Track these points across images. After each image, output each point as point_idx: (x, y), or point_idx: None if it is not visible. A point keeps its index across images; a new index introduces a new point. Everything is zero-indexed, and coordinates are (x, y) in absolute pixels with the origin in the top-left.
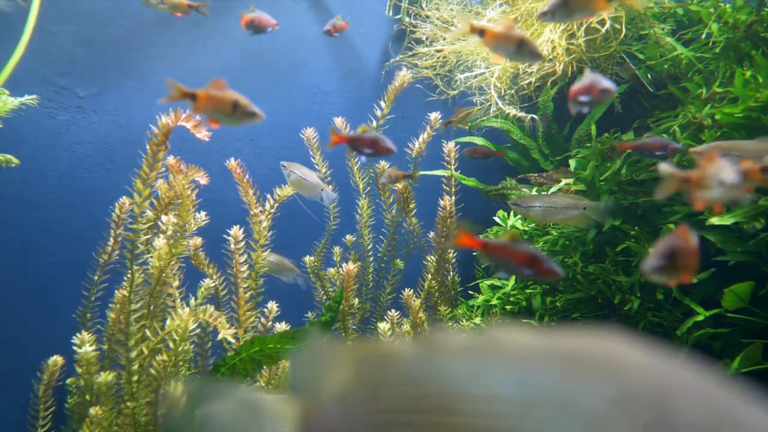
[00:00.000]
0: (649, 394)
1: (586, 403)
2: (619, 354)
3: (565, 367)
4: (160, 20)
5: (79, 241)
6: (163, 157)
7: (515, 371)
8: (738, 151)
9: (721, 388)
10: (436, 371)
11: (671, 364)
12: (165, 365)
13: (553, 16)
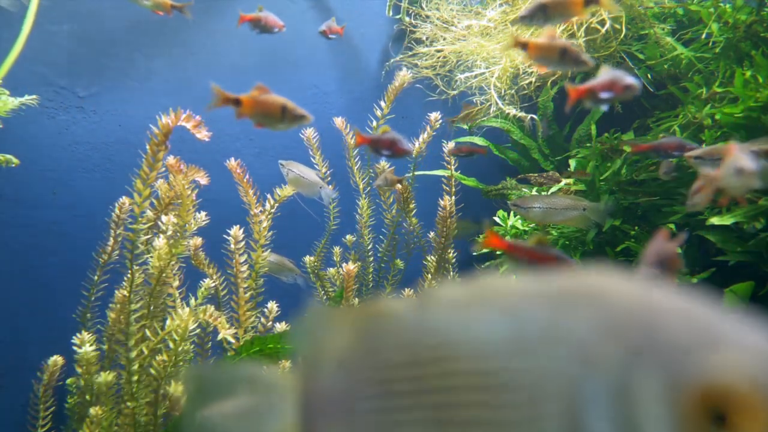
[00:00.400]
0: (635, 319)
1: (574, 333)
2: (605, 285)
3: (553, 303)
4: (161, 20)
5: (79, 241)
6: (163, 157)
7: (505, 313)
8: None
9: (706, 309)
10: (431, 323)
11: (656, 290)
12: (165, 365)
13: (531, 20)
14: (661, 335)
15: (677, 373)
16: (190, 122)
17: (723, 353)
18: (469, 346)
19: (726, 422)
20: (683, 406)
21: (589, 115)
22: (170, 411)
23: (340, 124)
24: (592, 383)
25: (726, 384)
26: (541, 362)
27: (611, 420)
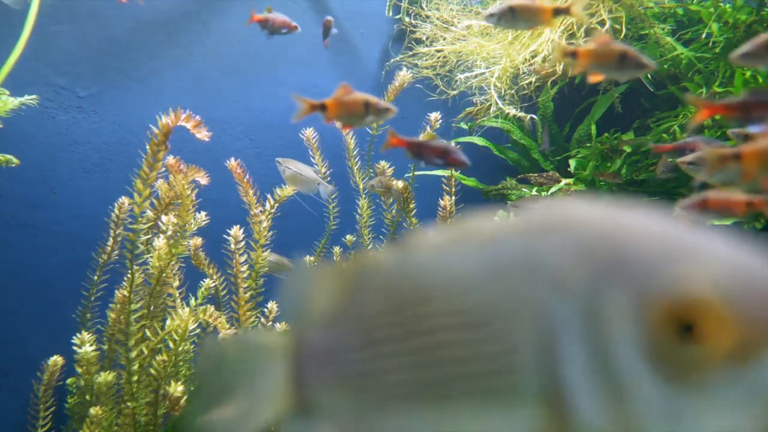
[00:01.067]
0: (604, 241)
1: (546, 260)
2: (576, 213)
3: (526, 234)
4: (160, 20)
5: (79, 241)
6: (163, 157)
7: (480, 248)
8: None
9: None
10: (410, 268)
11: (628, 212)
12: (165, 365)
13: (499, 20)
14: (629, 253)
15: (644, 288)
16: (190, 122)
17: (690, 265)
18: (446, 285)
19: (693, 332)
20: (650, 321)
21: (589, 115)
22: (170, 411)
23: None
24: (563, 308)
25: (692, 294)
26: (514, 292)
27: (583, 343)
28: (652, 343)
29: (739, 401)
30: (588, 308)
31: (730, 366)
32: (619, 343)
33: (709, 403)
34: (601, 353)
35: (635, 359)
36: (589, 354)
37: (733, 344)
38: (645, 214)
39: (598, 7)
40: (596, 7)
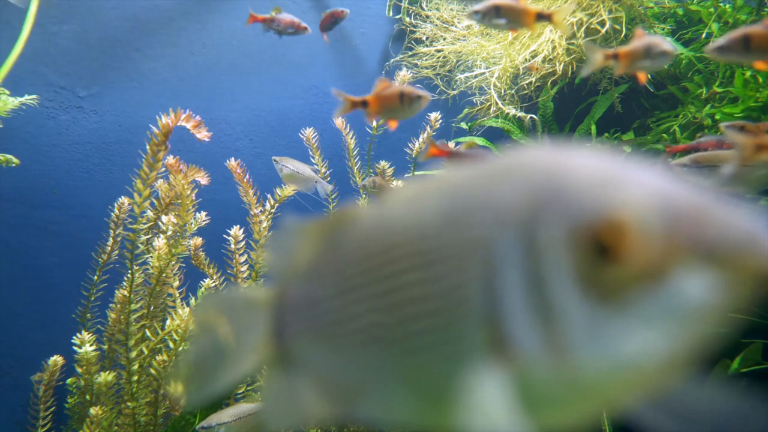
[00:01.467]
0: (544, 175)
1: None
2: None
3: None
4: (161, 20)
5: (79, 241)
6: (163, 157)
7: (441, 195)
8: (718, 162)
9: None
10: (382, 220)
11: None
12: (165, 365)
13: (483, 17)
14: (562, 185)
15: (570, 215)
16: (190, 122)
17: (610, 192)
18: (409, 231)
19: (612, 254)
20: (575, 245)
21: (589, 115)
22: (170, 411)
23: (340, 124)
24: (505, 241)
25: (610, 217)
26: (465, 231)
27: (521, 272)
28: (578, 266)
29: (656, 318)
30: (526, 238)
31: (646, 284)
32: (551, 269)
33: (630, 321)
34: (536, 280)
35: (565, 284)
36: (526, 282)
37: (648, 263)
38: (590, 153)
39: (598, 7)
40: (596, 7)
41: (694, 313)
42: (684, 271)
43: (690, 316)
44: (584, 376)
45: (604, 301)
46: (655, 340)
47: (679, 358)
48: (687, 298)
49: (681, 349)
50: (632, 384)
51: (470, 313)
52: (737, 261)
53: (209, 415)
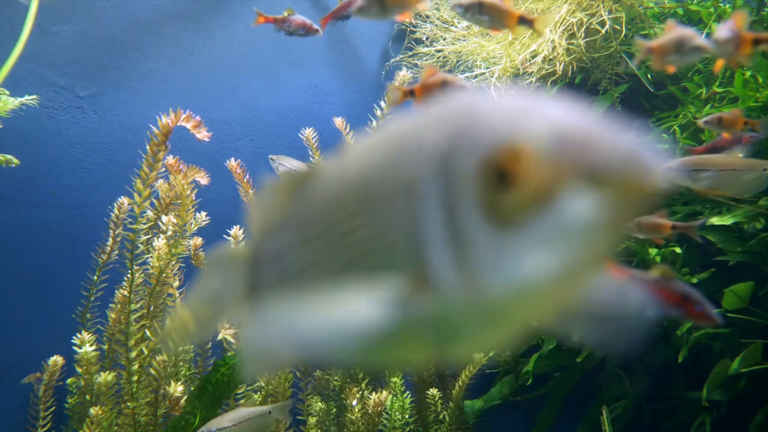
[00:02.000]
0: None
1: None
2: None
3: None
4: (161, 20)
5: (79, 241)
6: (163, 157)
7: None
8: (709, 166)
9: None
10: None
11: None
12: (165, 365)
13: (466, 12)
14: (476, 121)
15: (479, 145)
16: (190, 122)
17: (515, 123)
18: (356, 178)
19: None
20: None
21: None
22: (170, 411)
23: (340, 124)
24: (426, 178)
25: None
26: (396, 173)
27: (439, 204)
28: (483, 194)
29: (548, 239)
30: (442, 173)
31: (539, 206)
32: (461, 198)
33: (527, 244)
34: (451, 211)
35: (472, 212)
36: (443, 214)
37: (539, 186)
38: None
39: (598, 7)
40: (596, 7)
41: (582, 231)
42: (570, 193)
43: (578, 235)
44: (492, 299)
45: (505, 226)
46: (550, 260)
47: (575, 276)
48: (574, 218)
49: (574, 266)
50: (536, 304)
51: (399, 249)
52: (618, 180)
53: (209, 415)
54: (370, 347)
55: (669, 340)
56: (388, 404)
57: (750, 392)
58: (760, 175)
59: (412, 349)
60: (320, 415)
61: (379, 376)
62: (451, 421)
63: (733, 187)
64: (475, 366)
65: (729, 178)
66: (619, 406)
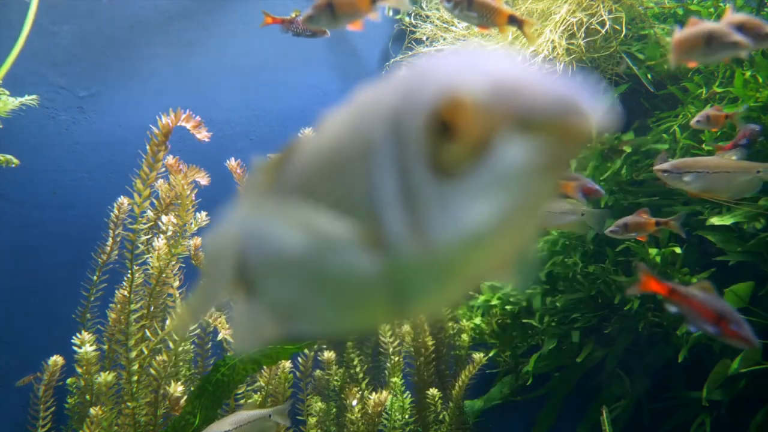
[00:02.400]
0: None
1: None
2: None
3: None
4: (160, 20)
5: (79, 241)
6: (163, 157)
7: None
8: (701, 168)
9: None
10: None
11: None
12: (165, 365)
13: (455, 7)
14: (426, 78)
15: (425, 99)
16: (190, 122)
17: (457, 75)
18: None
19: (451, 132)
20: (423, 128)
21: None
22: (170, 411)
23: None
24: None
25: (446, 97)
26: (358, 136)
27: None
28: (428, 147)
29: (488, 187)
30: (395, 132)
31: (478, 155)
32: (410, 154)
33: (469, 194)
34: (402, 169)
35: (421, 167)
36: (395, 172)
37: (477, 135)
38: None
39: (598, 7)
40: (596, 7)
41: (519, 177)
42: (506, 140)
43: (516, 181)
44: (441, 253)
45: (449, 178)
46: (491, 208)
47: (517, 223)
48: (511, 165)
49: (515, 213)
50: (483, 255)
51: (359, 211)
52: (550, 124)
53: (209, 415)
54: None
55: (669, 340)
56: (388, 404)
57: (750, 392)
58: (753, 178)
59: (371, 308)
60: (320, 415)
61: (379, 376)
62: (451, 421)
63: (727, 190)
64: (475, 366)
65: (722, 181)
66: (619, 406)
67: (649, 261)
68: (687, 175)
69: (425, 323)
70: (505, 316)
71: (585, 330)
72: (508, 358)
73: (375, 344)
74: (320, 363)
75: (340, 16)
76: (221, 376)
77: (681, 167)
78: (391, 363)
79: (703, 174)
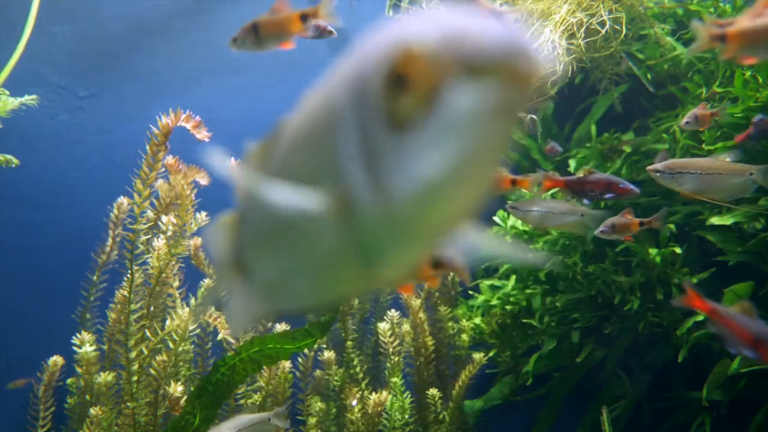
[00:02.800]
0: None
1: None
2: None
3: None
4: (161, 20)
5: (79, 241)
6: (163, 157)
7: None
8: (693, 169)
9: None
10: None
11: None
12: (165, 365)
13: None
14: (384, 37)
15: (381, 56)
16: (190, 122)
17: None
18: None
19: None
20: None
21: (589, 115)
22: (170, 411)
23: None
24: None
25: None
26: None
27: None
28: (385, 102)
29: (440, 135)
30: (357, 94)
31: (430, 104)
32: (370, 113)
33: (423, 144)
34: (363, 128)
35: (380, 123)
36: (357, 133)
37: (428, 83)
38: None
39: (598, 7)
40: (596, 7)
41: (470, 122)
42: (456, 86)
43: (467, 127)
44: (401, 206)
45: (405, 130)
46: (445, 156)
47: (472, 171)
48: (461, 110)
49: (469, 160)
50: (442, 207)
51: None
52: (496, 67)
53: (209, 415)
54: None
55: (669, 340)
56: (388, 404)
57: (750, 392)
58: (746, 180)
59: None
60: (320, 415)
61: (379, 376)
62: (451, 421)
63: (720, 191)
64: (475, 366)
65: (714, 182)
66: (619, 406)
67: (649, 260)
68: (680, 176)
69: (425, 324)
70: (505, 316)
71: (585, 330)
72: (508, 358)
73: (375, 344)
74: (320, 363)
75: (265, 38)
76: (221, 376)
77: (674, 168)
78: (391, 363)
79: (696, 175)
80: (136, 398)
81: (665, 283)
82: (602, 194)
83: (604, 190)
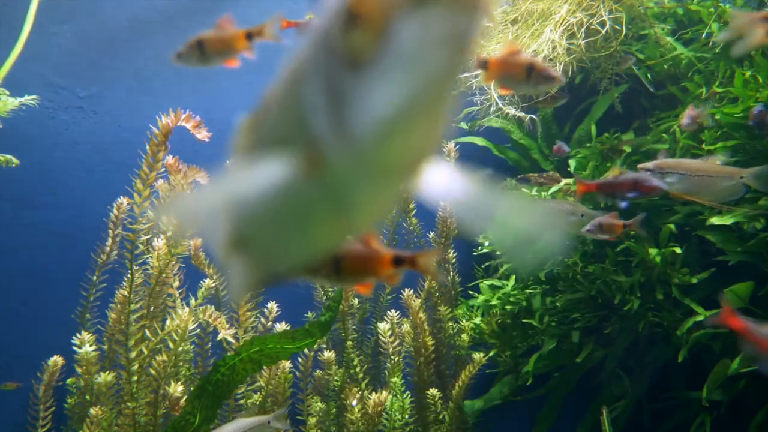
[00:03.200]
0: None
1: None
2: None
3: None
4: (161, 20)
5: (79, 241)
6: (163, 157)
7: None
8: (683, 170)
9: None
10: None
11: None
12: (165, 365)
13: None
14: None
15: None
16: (190, 122)
17: None
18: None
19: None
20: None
21: (589, 115)
22: (170, 411)
23: None
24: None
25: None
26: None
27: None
28: (342, 43)
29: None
30: (319, 45)
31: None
32: (331, 57)
33: (379, 79)
34: (326, 75)
35: (340, 65)
36: (321, 80)
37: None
38: None
39: (598, 7)
40: (596, 7)
41: (420, 54)
42: (405, 17)
43: (418, 59)
44: (364, 144)
45: (362, 68)
46: (399, 90)
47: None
48: (411, 42)
49: (424, 91)
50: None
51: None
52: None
53: (209, 415)
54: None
55: (669, 340)
56: (388, 404)
57: (750, 392)
58: (736, 183)
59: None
60: (320, 415)
61: (379, 376)
62: (451, 421)
63: (710, 193)
64: (475, 366)
65: (704, 184)
66: (619, 406)
67: (649, 260)
68: (669, 176)
69: (425, 323)
70: (505, 316)
71: (585, 330)
72: (508, 358)
73: (375, 344)
74: (320, 363)
75: (210, 55)
76: (221, 376)
77: (664, 167)
78: (391, 363)
79: (686, 176)
80: (136, 398)
81: (665, 283)
82: (629, 194)
83: (630, 189)
